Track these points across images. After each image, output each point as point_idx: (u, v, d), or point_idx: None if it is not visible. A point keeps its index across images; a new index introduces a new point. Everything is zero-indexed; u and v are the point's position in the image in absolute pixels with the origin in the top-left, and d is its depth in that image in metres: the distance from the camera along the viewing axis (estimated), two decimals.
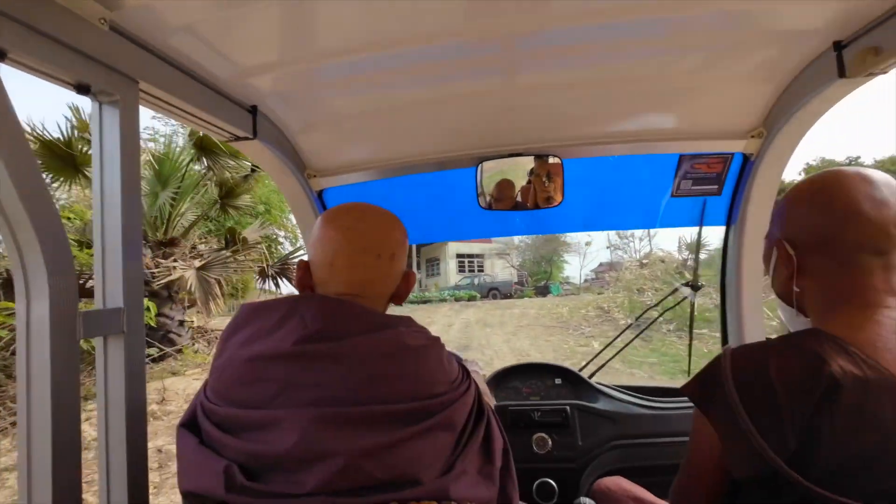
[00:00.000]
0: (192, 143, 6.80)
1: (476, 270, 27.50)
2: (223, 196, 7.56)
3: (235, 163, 7.10)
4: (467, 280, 24.16)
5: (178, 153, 7.15)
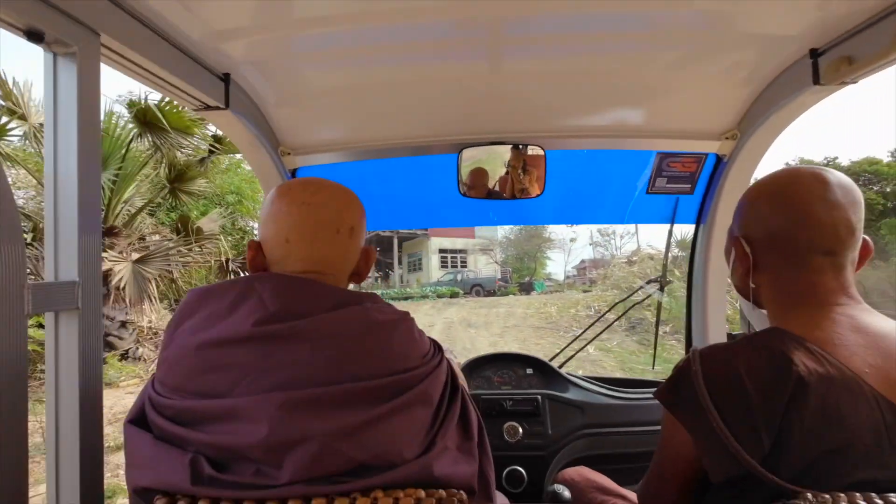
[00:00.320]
0: (133, 116, 5.70)
1: (459, 266, 26.62)
2: (173, 179, 6.55)
3: (188, 141, 6.19)
4: (450, 276, 23.45)
5: (118, 128, 6.05)
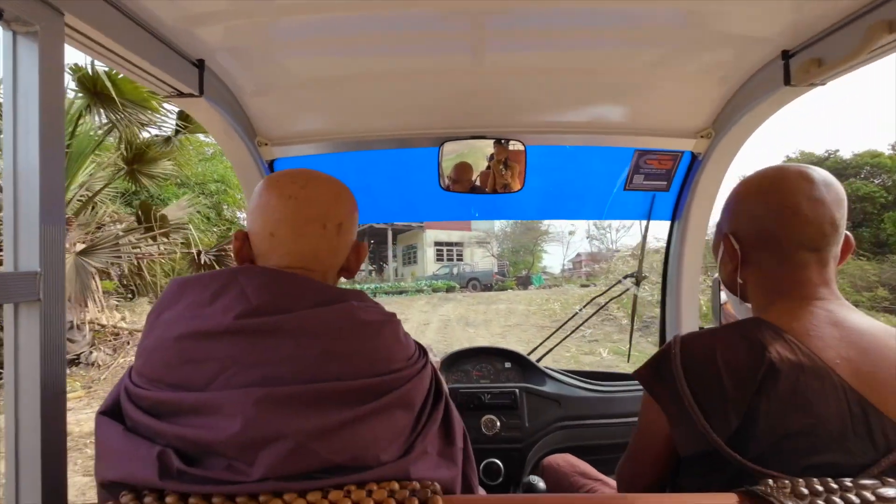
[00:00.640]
0: (78, 83, 4.77)
1: (455, 259, 25.80)
2: (131, 160, 5.61)
3: (148, 117, 5.28)
4: (446, 269, 22.60)
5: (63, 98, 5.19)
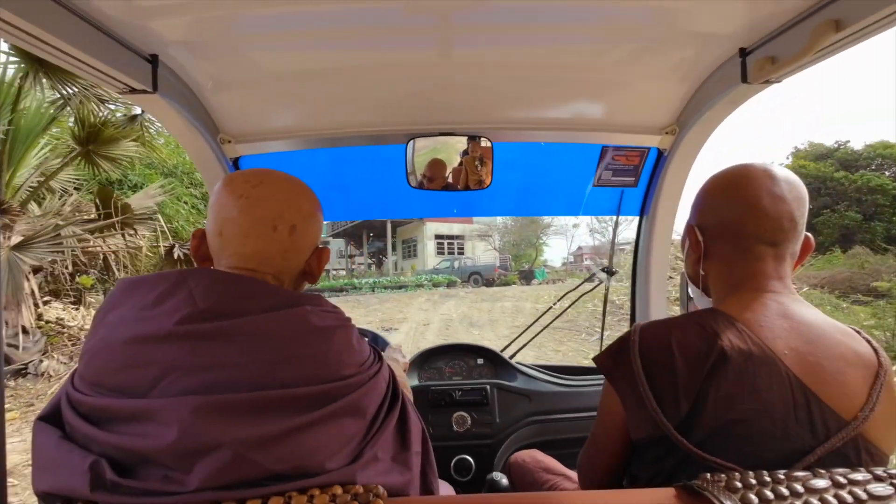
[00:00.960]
0: (11, 45, 4.03)
1: (456, 252, 25.65)
2: (85, 139, 4.80)
3: (108, 91, 4.64)
4: (446, 263, 22.15)
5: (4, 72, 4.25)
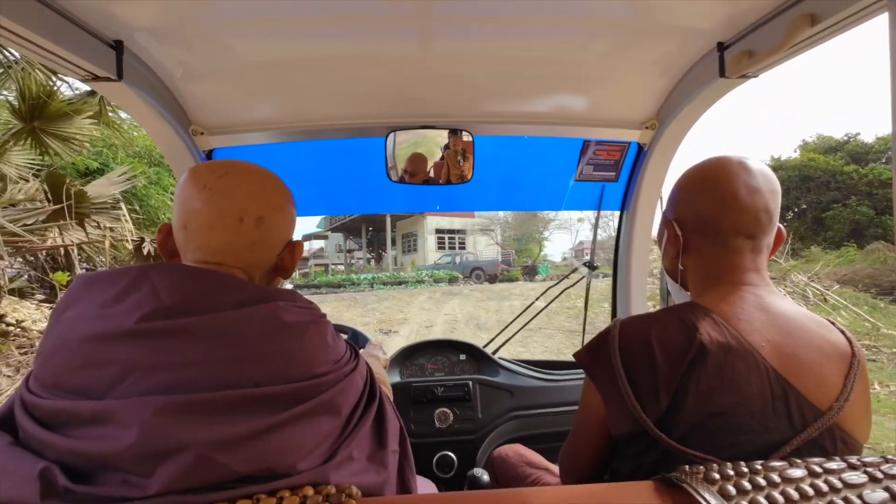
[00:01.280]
0: None
1: (457, 247, 24.60)
2: (28, 115, 4.13)
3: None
4: (447, 258, 21.23)
5: None
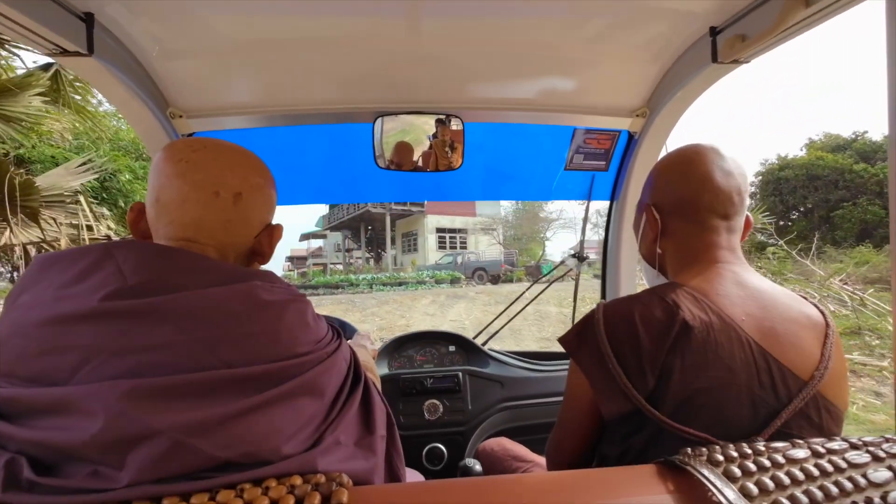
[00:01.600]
0: None
1: (458, 247, 24.24)
2: None
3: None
4: (449, 258, 20.63)
5: None
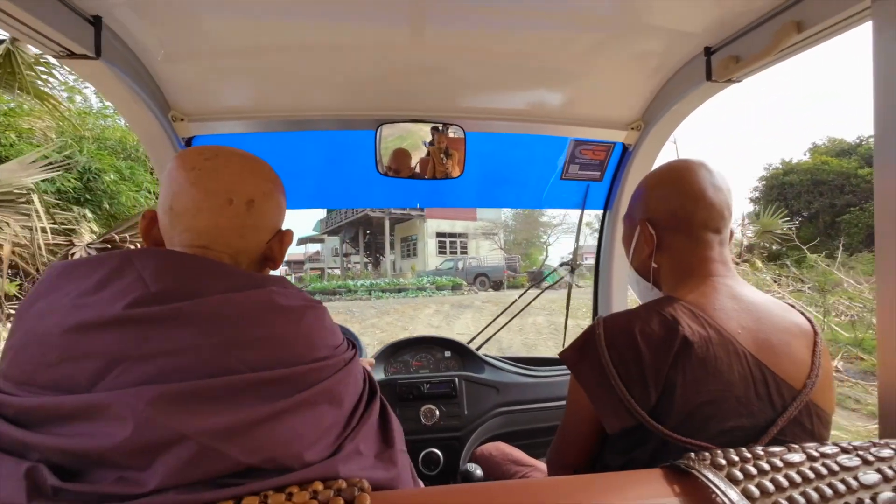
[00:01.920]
0: None
1: (459, 252, 23.77)
2: None
3: None
4: (449, 263, 20.08)
5: None
